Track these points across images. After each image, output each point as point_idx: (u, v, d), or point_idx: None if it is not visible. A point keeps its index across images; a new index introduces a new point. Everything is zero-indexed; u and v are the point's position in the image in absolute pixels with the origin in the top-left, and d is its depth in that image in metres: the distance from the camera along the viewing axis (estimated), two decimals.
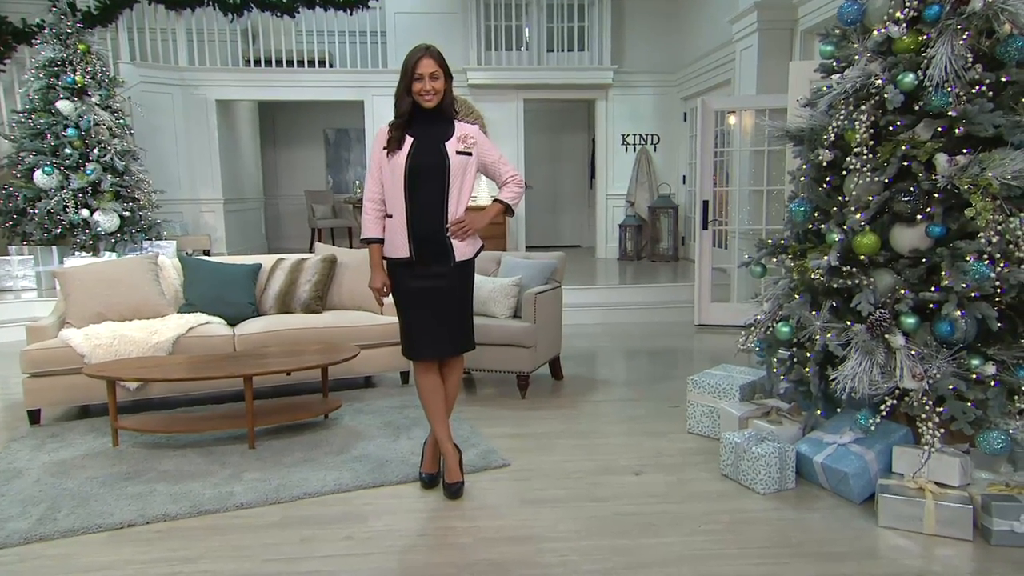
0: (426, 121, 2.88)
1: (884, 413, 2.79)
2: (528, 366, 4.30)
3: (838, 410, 3.16)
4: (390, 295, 3.00)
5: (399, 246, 2.88)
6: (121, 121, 7.66)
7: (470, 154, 2.90)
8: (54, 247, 7.46)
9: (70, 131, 7.25)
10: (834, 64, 3.22)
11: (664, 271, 8.49)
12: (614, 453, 3.49)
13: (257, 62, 9.69)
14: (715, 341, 5.93)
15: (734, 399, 3.58)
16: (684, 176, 9.55)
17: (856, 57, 3.06)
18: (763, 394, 3.64)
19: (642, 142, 9.86)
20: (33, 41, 7.76)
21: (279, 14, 9.16)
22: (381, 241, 2.94)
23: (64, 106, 7.26)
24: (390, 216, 2.90)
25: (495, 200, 3.02)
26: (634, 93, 9.77)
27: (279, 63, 9.46)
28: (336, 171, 12.35)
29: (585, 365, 5.25)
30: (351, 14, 9.33)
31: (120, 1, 8.56)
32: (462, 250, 2.91)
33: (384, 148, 2.87)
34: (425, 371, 2.99)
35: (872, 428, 2.84)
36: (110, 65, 8.46)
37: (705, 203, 6.40)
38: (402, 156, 2.82)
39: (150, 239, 7.82)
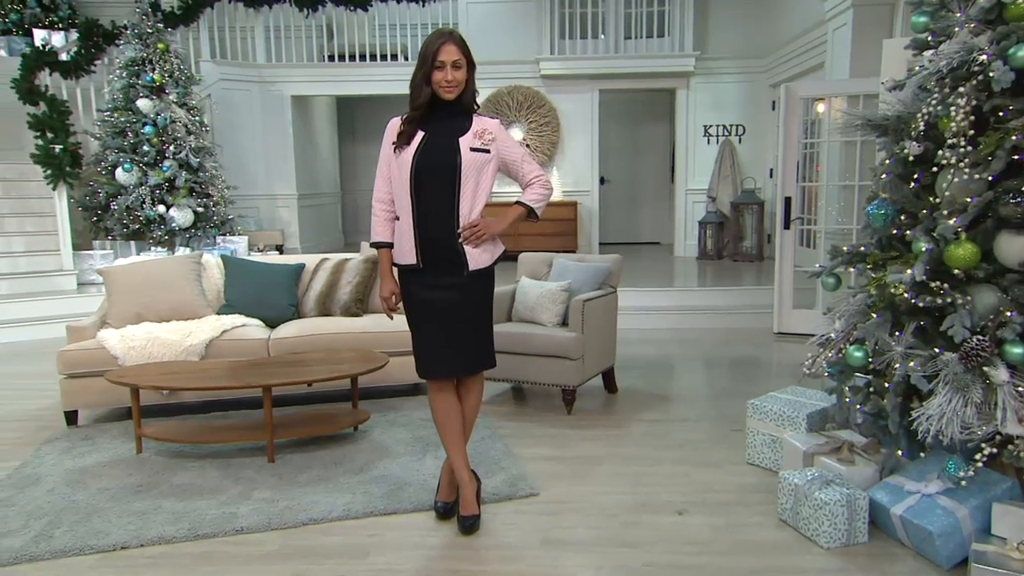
0: (442, 115, 2.59)
1: (981, 463, 2.29)
2: (574, 379, 3.95)
3: (922, 453, 2.65)
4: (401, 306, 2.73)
5: (406, 252, 2.60)
6: (197, 118, 7.80)
7: (487, 151, 2.58)
8: (132, 242, 7.69)
9: (148, 128, 7.43)
10: (929, 39, 2.70)
11: (746, 272, 7.90)
12: (659, 485, 3.10)
13: (332, 57, 9.69)
14: (794, 352, 5.37)
15: (800, 429, 3.12)
16: (771, 170, 8.86)
17: (956, 29, 2.54)
18: (835, 425, 3.14)
19: (726, 133, 9.23)
20: (117, 42, 8.02)
21: (353, 8, 9.12)
22: (391, 245, 2.68)
23: (143, 104, 7.44)
24: (398, 218, 2.62)
25: (517, 203, 2.69)
26: (718, 81, 9.14)
27: (352, 58, 9.41)
28: None
29: (645, 376, 4.83)
30: (424, 6, 9.18)
31: (201, 0, 8.74)
32: (477, 258, 2.59)
33: (393, 143, 2.60)
34: (439, 390, 2.71)
35: (963, 482, 2.34)
36: (191, 63, 8.66)
37: (788, 200, 5.82)
38: (409, 152, 2.54)
39: (223, 234, 7.96)
